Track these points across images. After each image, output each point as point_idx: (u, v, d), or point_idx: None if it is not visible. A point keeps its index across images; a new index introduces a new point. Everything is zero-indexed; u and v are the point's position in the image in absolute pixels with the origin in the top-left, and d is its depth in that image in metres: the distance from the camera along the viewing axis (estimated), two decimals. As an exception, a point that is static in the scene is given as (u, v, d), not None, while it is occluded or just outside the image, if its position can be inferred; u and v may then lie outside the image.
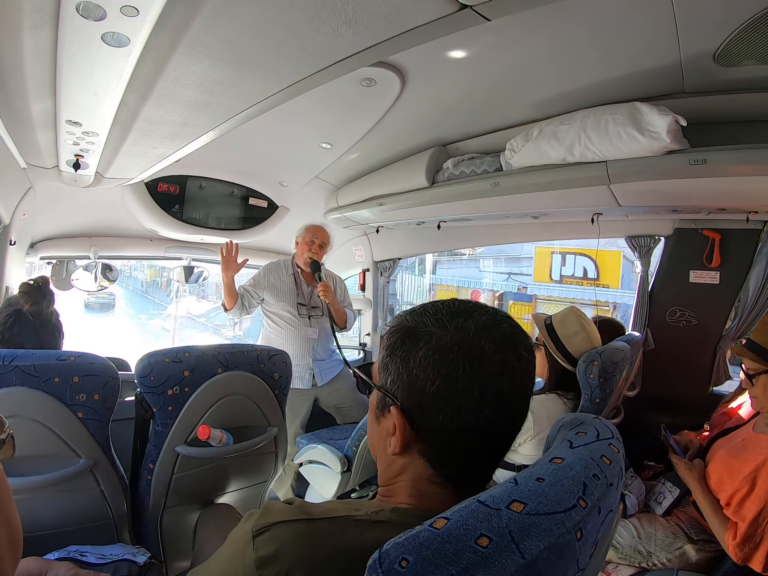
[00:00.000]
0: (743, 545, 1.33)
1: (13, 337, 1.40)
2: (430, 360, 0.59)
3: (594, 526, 0.51)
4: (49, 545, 1.18)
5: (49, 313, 1.49)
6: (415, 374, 0.60)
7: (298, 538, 0.53)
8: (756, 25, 1.22)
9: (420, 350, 0.60)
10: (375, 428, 0.67)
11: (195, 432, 1.41)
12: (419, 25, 0.86)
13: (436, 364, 0.59)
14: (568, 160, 1.82)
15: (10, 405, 1.17)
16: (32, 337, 1.41)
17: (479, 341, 0.59)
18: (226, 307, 2.62)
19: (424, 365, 0.60)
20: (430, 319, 0.63)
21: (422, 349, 0.60)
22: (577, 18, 1.31)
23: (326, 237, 2.72)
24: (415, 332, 0.62)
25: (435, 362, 0.59)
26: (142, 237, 2.87)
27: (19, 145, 1.55)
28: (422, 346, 0.60)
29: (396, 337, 0.64)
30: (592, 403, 1.64)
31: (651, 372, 2.43)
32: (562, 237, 2.91)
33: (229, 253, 2.53)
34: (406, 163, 2.44)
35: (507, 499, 0.47)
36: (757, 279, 2.16)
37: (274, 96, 1.18)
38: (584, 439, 0.61)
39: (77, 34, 0.84)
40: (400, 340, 0.63)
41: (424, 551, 0.41)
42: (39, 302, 1.45)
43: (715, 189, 1.75)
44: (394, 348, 0.64)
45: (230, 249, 2.54)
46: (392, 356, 0.63)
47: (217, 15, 0.83)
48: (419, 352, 0.60)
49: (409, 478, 0.63)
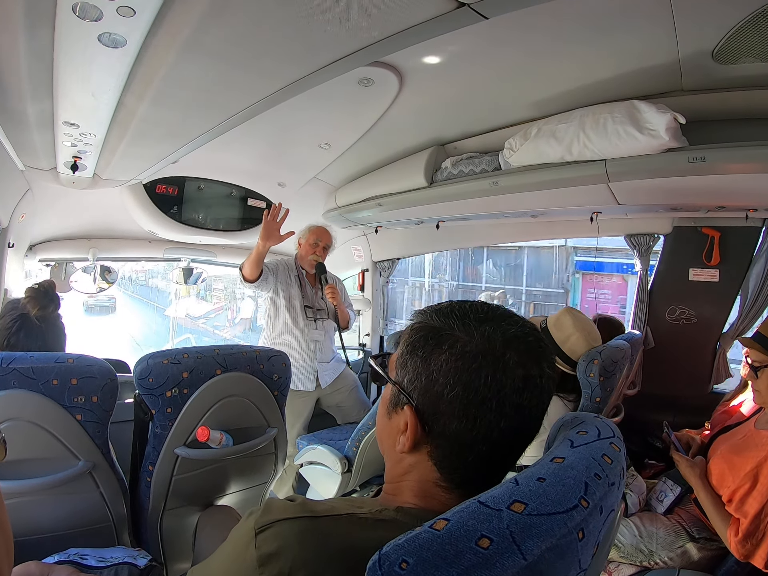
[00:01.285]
0: (745, 541, 1.34)
1: (19, 341, 1.39)
2: (452, 366, 0.58)
3: (596, 526, 0.51)
4: (48, 549, 1.18)
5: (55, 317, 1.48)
6: (435, 377, 0.59)
7: (300, 535, 0.53)
8: (754, 22, 1.22)
9: (443, 354, 0.59)
10: (385, 423, 0.66)
11: (194, 434, 1.41)
12: (417, 24, 0.86)
13: (457, 370, 0.58)
14: (567, 159, 1.82)
15: (8, 407, 1.17)
16: (38, 341, 1.40)
17: (505, 353, 0.58)
18: (247, 278, 2.34)
19: (444, 370, 0.59)
20: (456, 323, 0.61)
21: (445, 353, 0.59)
22: (575, 16, 1.31)
23: (330, 239, 2.71)
24: (439, 333, 0.61)
25: (457, 369, 0.58)
26: (140, 239, 2.87)
27: (16, 147, 1.55)
28: (446, 349, 0.59)
29: (419, 335, 0.63)
30: (593, 402, 1.64)
31: (651, 370, 2.43)
32: (561, 236, 2.92)
33: (273, 218, 2.23)
34: (404, 163, 2.44)
35: (508, 499, 0.46)
36: (757, 276, 2.17)
37: (271, 95, 1.18)
38: (585, 438, 0.61)
39: (74, 35, 0.84)
40: (423, 339, 0.62)
41: (424, 553, 0.41)
42: (46, 306, 1.44)
43: (714, 187, 1.75)
44: (415, 346, 0.62)
45: (276, 213, 2.23)
46: (412, 354, 0.62)
47: (214, 15, 0.83)
48: (441, 356, 0.59)
49: (415, 479, 0.62)
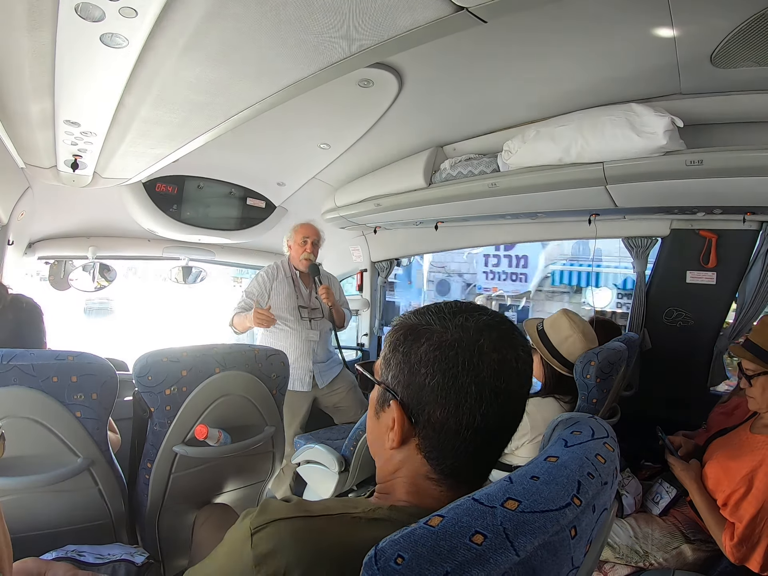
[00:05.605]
0: (740, 546, 1.34)
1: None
2: (431, 356, 0.61)
3: (588, 524, 0.52)
4: (46, 545, 1.18)
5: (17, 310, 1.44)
6: (416, 369, 0.62)
7: (296, 535, 0.54)
8: (752, 26, 1.22)
9: (421, 346, 0.62)
10: (375, 424, 0.68)
11: (193, 431, 1.41)
12: (416, 27, 0.87)
13: (436, 359, 0.61)
14: (565, 161, 1.83)
15: (8, 404, 1.18)
16: None
17: (479, 339, 0.61)
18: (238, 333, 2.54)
19: (425, 360, 0.61)
20: (432, 318, 0.64)
21: (423, 345, 0.62)
22: (574, 19, 1.31)
23: (317, 233, 2.67)
24: (417, 329, 0.64)
25: (435, 358, 0.61)
26: (140, 237, 2.87)
27: (17, 145, 1.55)
28: (423, 342, 0.62)
29: (399, 334, 0.66)
30: (589, 403, 1.64)
31: (648, 372, 2.44)
32: (560, 237, 2.92)
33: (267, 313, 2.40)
34: (403, 164, 2.45)
35: (502, 496, 0.47)
36: (754, 279, 2.17)
37: (272, 97, 1.19)
38: (579, 438, 0.61)
39: (76, 35, 0.84)
40: (403, 337, 0.65)
41: (419, 548, 0.42)
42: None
43: (711, 190, 1.76)
44: (396, 344, 0.65)
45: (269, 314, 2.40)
46: (394, 352, 0.65)
47: (216, 16, 0.84)
48: (420, 348, 0.62)
49: (406, 475, 0.64)
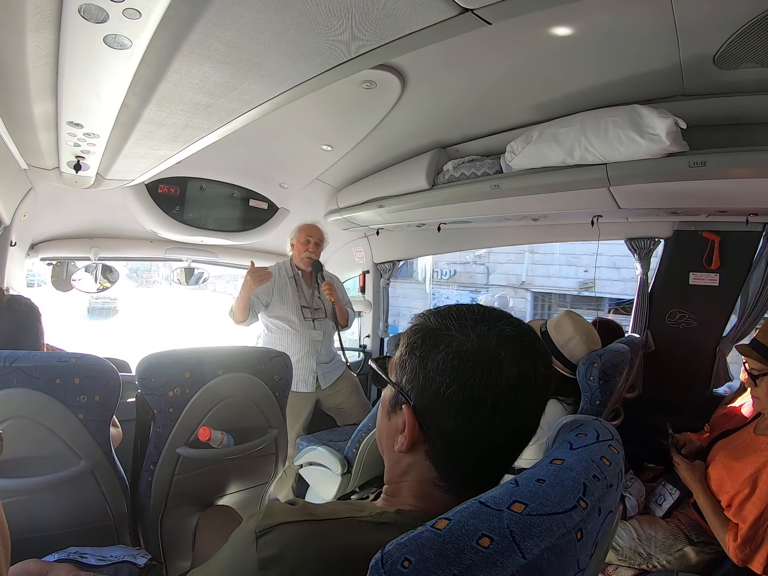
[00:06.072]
0: (744, 547, 1.34)
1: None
2: (448, 364, 0.59)
3: (594, 527, 0.51)
4: (49, 547, 1.18)
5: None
6: (432, 376, 0.60)
7: (301, 539, 0.53)
8: (755, 27, 1.22)
9: (439, 353, 0.60)
10: (385, 424, 0.67)
11: (196, 433, 1.41)
12: (420, 29, 0.87)
13: (453, 369, 0.59)
14: (568, 163, 1.82)
15: (11, 406, 1.18)
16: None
17: (500, 352, 0.59)
18: (238, 320, 2.51)
19: (441, 369, 0.60)
20: (453, 323, 0.62)
21: (442, 352, 0.60)
22: (578, 21, 1.32)
23: (321, 234, 2.69)
24: (436, 334, 0.62)
25: (453, 367, 0.59)
26: (142, 238, 2.88)
27: (20, 146, 1.55)
28: (442, 349, 0.61)
29: (417, 336, 0.64)
30: (592, 405, 1.64)
31: (651, 374, 2.43)
32: (562, 239, 2.92)
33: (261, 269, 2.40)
34: (406, 165, 2.45)
35: (508, 499, 0.47)
36: (757, 281, 2.16)
37: (275, 98, 1.19)
38: (584, 440, 0.61)
39: (79, 36, 0.84)
40: (421, 340, 0.63)
41: (426, 552, 0.41)
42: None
43: (714, 191, 1.76)
44: (413, 347, 0.63)
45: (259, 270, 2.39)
46: (411, 355, 0.63)
47: (219, 18, 0.84)
48: (438, 355, 0.60)
49: (414, 479, 0.63)
